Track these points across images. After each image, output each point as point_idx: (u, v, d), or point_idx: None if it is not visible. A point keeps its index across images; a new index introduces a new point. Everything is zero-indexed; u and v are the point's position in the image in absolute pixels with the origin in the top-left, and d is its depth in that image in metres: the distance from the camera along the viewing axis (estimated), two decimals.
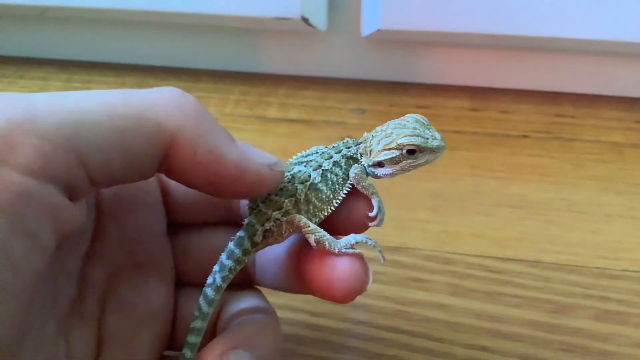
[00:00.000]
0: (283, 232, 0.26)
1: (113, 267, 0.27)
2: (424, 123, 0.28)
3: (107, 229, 0.27)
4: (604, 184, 0.44)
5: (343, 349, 0.33)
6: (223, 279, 0.27)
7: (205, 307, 0.27)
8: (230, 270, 0.27)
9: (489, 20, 0.49)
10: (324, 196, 0.27)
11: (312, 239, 0.26)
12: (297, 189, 0.26)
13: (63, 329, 0.25)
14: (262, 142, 0.48)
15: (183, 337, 0.27)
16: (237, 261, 0.27)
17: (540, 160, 0.47)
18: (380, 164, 0.27)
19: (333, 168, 0.27)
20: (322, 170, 0.27)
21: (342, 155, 0.28)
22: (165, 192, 0.29)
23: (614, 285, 0.36)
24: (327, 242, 0.25)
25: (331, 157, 0.27)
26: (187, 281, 0.30)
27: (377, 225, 0.27)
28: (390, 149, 0.27)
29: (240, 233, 0.27)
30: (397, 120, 0.27)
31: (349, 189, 0.27)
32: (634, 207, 0.42)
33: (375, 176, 0.28)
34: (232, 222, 0.30)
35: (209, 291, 0.27)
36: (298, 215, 0.26)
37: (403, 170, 0.27)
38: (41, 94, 0.21)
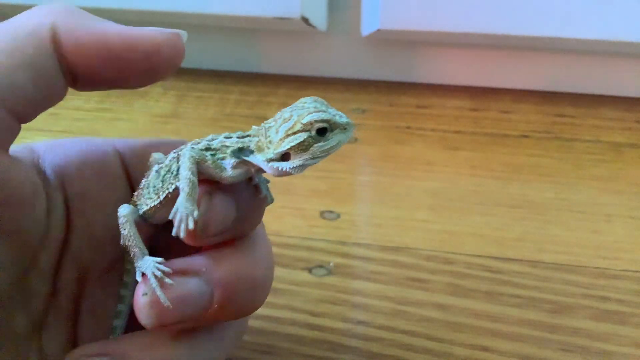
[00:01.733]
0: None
1: (85, 265, 0.27)
2: (323, 102, 0.23)
3: (76, 228, 0.26)
4: (604, 184, 0.44)
5: (343, 349, 0.33)
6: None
7: (125, 276, 0.27)
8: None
9: (489, 20, 0.49)
10: (157, 184, 0.24)
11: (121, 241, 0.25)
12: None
13: (36, 327, 0.25)
14: None
15: None
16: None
17: (540, 160, 0.47)
18: (285, 156, 0.22)
19: (170, 163, 0.24)
20: (175, 157, 0.24)
21: (204, 147, 0.23)
22: (134, 187, 0.28)
23: (614, 285, 0.36)
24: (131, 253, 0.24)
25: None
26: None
27: (176, 235, 0.22)
28: (294, 133, 0.22)
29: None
30: (292, 105, 0.23)
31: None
32: (634, 207, 0.42)
33: (282, 173, 0.23)
34: None
35: (126, 262, 0.27)
36: (123, 207, 0.25)
37: (314, 157, 0.22)
38: None
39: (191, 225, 0.22)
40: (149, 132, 0.50)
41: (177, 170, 0.23)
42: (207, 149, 0.23)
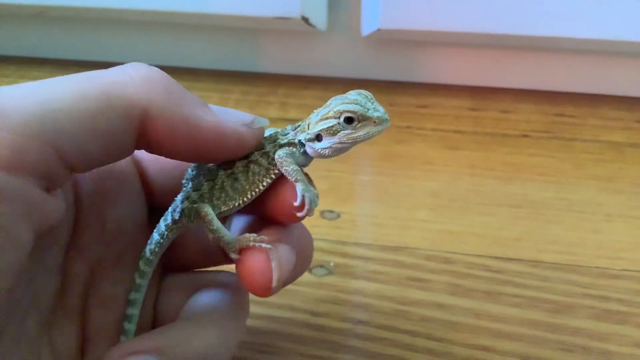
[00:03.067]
0: (192, 219, 0.26)
1: (94, 261, 0.27)
2: (367, 96, 0.26)
3: (86, 223, 0.26)
4: (604, 183, 0.44)
5: (343, 349, 0.33)
6: (151, 252, 0.27)
7: (137, 279, 0.27)
8: (157, 244, 0.27)
9: (489, 20, 0.49)
10: (239, 186, 0.26)
11: (210, 235, 0.25)
12: (217, 174, 0.26)
13: (46, 324, 0.25)
14: None
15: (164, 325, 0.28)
16: (162, 236, 0.27)
17: (540, 160, 0.47)
18: (318, 137, 0.25)
19: (259, 159, 0.26)
20: (248, 160, 0.26)
21: (274, 145, 0.26)
22: (144, 180, 0.28)
23: (614, 285, 0.36)
24: (221, 242, 0.25)
25: (262, 148, 0.26)
26: (170, 268, 0.30)
27: (305, 215, 0.25)
28: (327, 118, 0.25)
29: (166, 213, 0.27)
30: (340, 95, 0.26)
31: (272, 179, 0.26)
32: (634, 207, 0.42)
33: (317, 154, 0.25)
34: None
35: (140, 263, 0.27)
36: (204, 207, 0.25)
37: (342, 144, 0.25)
38: (6, 87, 0.21)
39: (317, 203, 0.25)
40: None
41: (265, 170, 0.25)
42: (285, 144, 0.26)
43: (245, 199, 0.26)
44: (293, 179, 0.25)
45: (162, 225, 0.27)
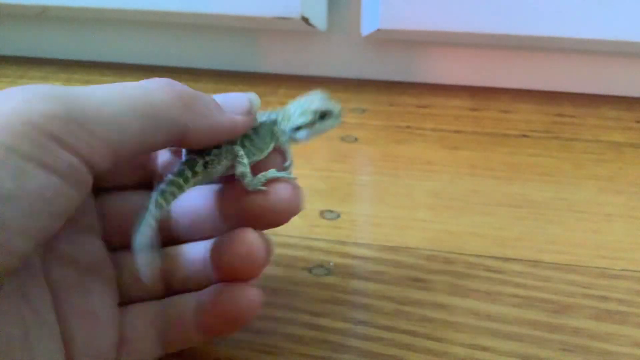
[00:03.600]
0: (221, 161, 0.30)
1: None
2: (327, 96, 0.33)
3: None
4: (604, 183, 0.44)
5: (343, 349, 0.33)
6: (166, 200, 0.28)
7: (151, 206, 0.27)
8: (172, 194, 0.28)
9: (489, 20, 0.49)
10: (255, 144, 0.31)
11: (239, 170, 0.30)
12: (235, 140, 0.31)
13: (17, 280, 0.26)
14: None
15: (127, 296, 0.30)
16: (178, 186, 0.29)
17: (540, 160, 0.47)
18: (298, 128, 0.32)
19: (261, 121, 0.32)
20: (254, 127, 0.32)
21: (267, 119, 0.32)
22: None
23: (614, 285, 0.36)
24: (247, 178, 0.30)
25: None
26: (114, 244, 0.31)
27: (288, 174, 0.31)
28: (305, 113, 0.32)
29: (178, 167, 0.29)
30: (306, 96, 0.33)
31: (273, 147, 0.32)
32: (634, 207, 0.42)
33: (295, 139, 0.33)
34: (150, 186, 0.31)
35: (157, 200, 0.28)
36: (237, 146, 0.30)
37: (315, 133, 0.32)
38: (82, 91, 0.24)
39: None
40: None
41: (272, 135, 0.32)
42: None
43: (262, 155, 0.32)
44: (285, 150, 0.33)
45: (176, 178, 0.29)
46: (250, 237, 0.29)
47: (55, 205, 0.23)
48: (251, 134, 0.31)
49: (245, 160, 0.30)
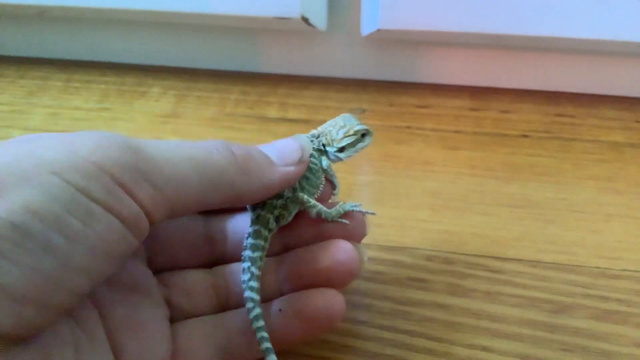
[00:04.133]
0: (290, 211, 0.32)
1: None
2: (356, 116, 0.36)
3: None
4: (604, 183, 0.44)
5: (343, 349, 0.33)
6: (258, 267, 0.30)
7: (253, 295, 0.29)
8: (260, 258, 0.30)
9: (489, 20, 0.49)
10: (312, 182, 0.33)
11: (313, 212, 0.32)
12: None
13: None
14: (262, 142, 0.48)
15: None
16: (263, 249, 0.30)
17: (540, 160, 0.47)
18: (342, 149, 0.34)
19: (312, 159, 0.33)
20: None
21: (313, 149, 0.34)
22: None
23: (614, 285, 0.36)
24: (324, 214, 0.32)
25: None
26: (160, 266, 0.32)
27: (360, 207, 0.33)
28: (349, 136, 0.34)
29: (253, 227, 0.30)
30: (339, 117, 0.36)
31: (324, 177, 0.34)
32: (634, 207, 0.42)
33: (339, 159, 0.35)
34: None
35: (252, 284, 0.29)
36: (300, 194, 0.32)
37: (355, 151, 0.35)
38: (149, 145, 0.26)
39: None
40: (148, 132, 0.50)
41: (324, 168, 0.34)
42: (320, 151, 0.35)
43: (319, 192, 0.34)
44: (332, 177, 0.35)
45: (257, 242, 0.30)
46: (348, 246, 0.30)
47: (115, 249, 0.24)
48: (307, 173, 0.32)
49: (312, 202, 0.32)
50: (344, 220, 0.32)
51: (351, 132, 0.34)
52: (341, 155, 0.35)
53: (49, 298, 0.22)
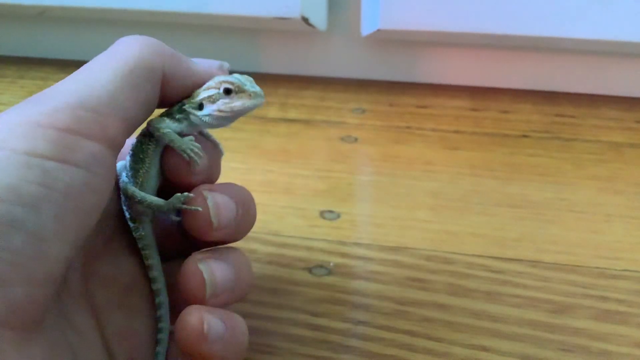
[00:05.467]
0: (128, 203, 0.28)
1: (86, 248, 0.27)
2: (248, 77, 0.29)
3: None
4: (604, 184, 0.44)
5: (343, 349, 0.33)
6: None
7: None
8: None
9: (489, 20, 0.49)
10: (139, 160, 0.28)
11: (140, 208, 0.28)
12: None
13: (61, 307, 0.26)
14: (262, 142, 0.48)
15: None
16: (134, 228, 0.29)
17: (540, 160, 0.47)
18: (200, 106, 0.28)
19: (142, 138, 0.29)
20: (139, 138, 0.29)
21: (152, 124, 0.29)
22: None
23: (614, 285, 0.36)
24: (155, 207, 0.28)
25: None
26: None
27: (200, 167, 0.28)
28: (209, 88, 0.28)
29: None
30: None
31: (155, 147, 0.29)
32: (634, 207, 0.42)
33: (201, 122, 0.28)
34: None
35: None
36: (127, 186, 0.28)
37: (220, 112, 0.28)
38: (71, 80, 0.25)
39: (202, 156, 0.28)
40: None
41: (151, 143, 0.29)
42: (167, 114, 0.29)
43: (138, 181, 0.28)
44: (168, 142, 0.28)
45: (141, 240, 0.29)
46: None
47: (84, 201, 0.23)
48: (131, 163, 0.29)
49: (139, 196, 0.28)
50: (176, 218, 0.29)
51: (212, 84, 0.28)
52: (200, 114, 0.28)
53: (32, 274, 0.21)
